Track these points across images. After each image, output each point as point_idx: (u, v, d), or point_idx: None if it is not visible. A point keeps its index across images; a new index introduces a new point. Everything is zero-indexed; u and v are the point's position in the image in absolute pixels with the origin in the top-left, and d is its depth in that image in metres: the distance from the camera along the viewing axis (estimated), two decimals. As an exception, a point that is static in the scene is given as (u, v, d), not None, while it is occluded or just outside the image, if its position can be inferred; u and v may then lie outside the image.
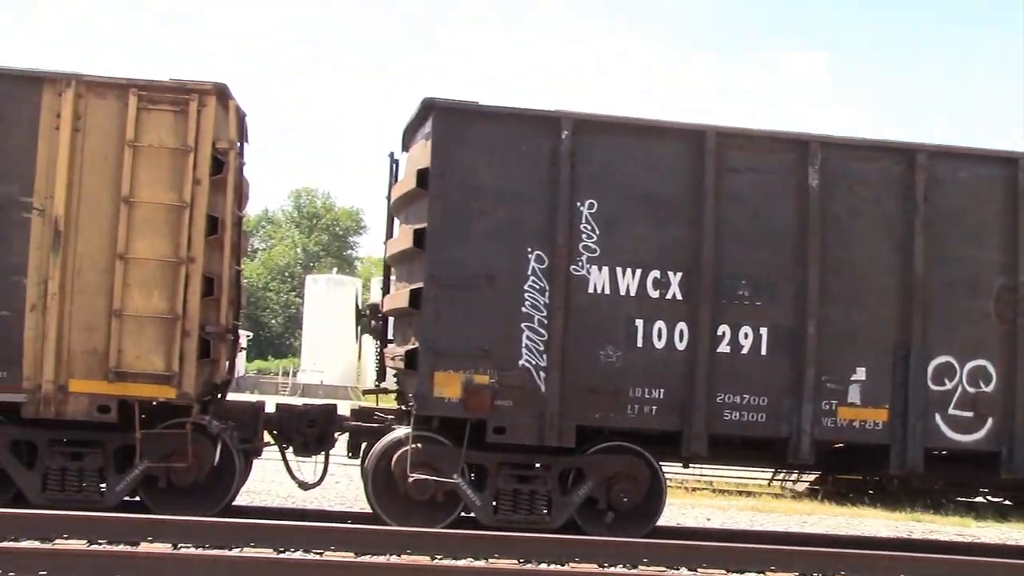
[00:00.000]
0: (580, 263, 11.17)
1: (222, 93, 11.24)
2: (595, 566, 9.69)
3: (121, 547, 9.25)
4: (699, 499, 18.55)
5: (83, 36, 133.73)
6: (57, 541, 9.31)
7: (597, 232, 11.19)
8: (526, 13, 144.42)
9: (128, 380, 10.85)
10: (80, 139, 10.90)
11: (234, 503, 11.98)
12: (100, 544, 9.32)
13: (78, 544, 9.25)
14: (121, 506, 11.07)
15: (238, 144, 11.72)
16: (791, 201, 11.43)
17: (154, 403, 11.14)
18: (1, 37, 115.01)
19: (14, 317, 10.75)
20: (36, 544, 9.18)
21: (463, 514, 11.45)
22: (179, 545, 9.42)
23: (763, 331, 11.32)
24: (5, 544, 9.08)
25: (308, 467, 12.36)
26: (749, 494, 19.08)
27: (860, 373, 11.40)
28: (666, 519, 12.95)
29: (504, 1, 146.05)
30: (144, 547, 9.28)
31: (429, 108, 11.33)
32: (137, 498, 11.37)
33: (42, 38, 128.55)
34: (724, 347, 11.28)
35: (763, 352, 11.32)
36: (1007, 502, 18.48)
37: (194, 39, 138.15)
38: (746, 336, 11.31)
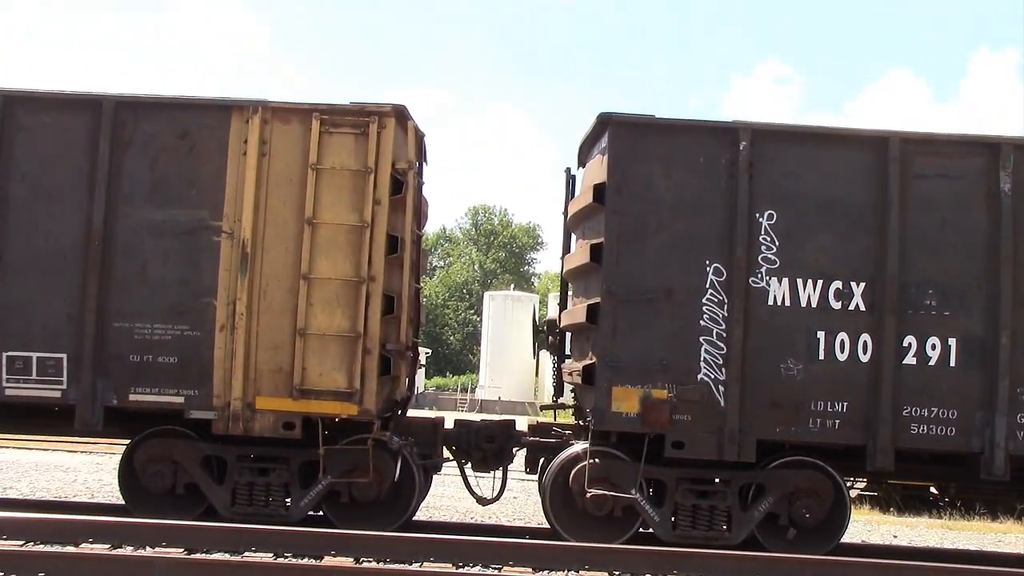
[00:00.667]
0: (759, 275, 10.98)
1: (401, 115, 11.43)
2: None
3: (306, 560, 9.45)
4: (884, 516, 17.98)
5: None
6: (246, 554, 9.58)
7: (776, 243, 10.99)
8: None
9: (311, 397, 11.10)
10: (266, 163, 11.21)
11: (414, 518, 12.13)
12: (286, 557, 9.55)
13: (265, 557, 9.49)
14: (305, 521, 11.32)
15: (417, 164, 11.90)
16: (981, 207, 11.00)
17: (337, 420, 11.38)
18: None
19: (205, 337, 11.12)
20: (226, 556, 9.46)
21: (641, 530, 11.36)
22: (361, 560, 9.58)
23: (952, 342, 10.92)
24: (198, 556, 9.39)
25: (486, 482, 12.43)
26: (939, 512, 18.40)
27: (1060, 385, 10.89)
28: (850, 536, 12.59)
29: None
30: (327, 561, 9.47)
31: (605, 123, 11.31)
32: (320, 513, 11.61)
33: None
34: (910, 359, 10.93)
35: (952, 363, 10.92)
36: None
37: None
38: (934, 347, 10.93)
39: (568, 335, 12.94)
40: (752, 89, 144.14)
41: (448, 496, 15.81)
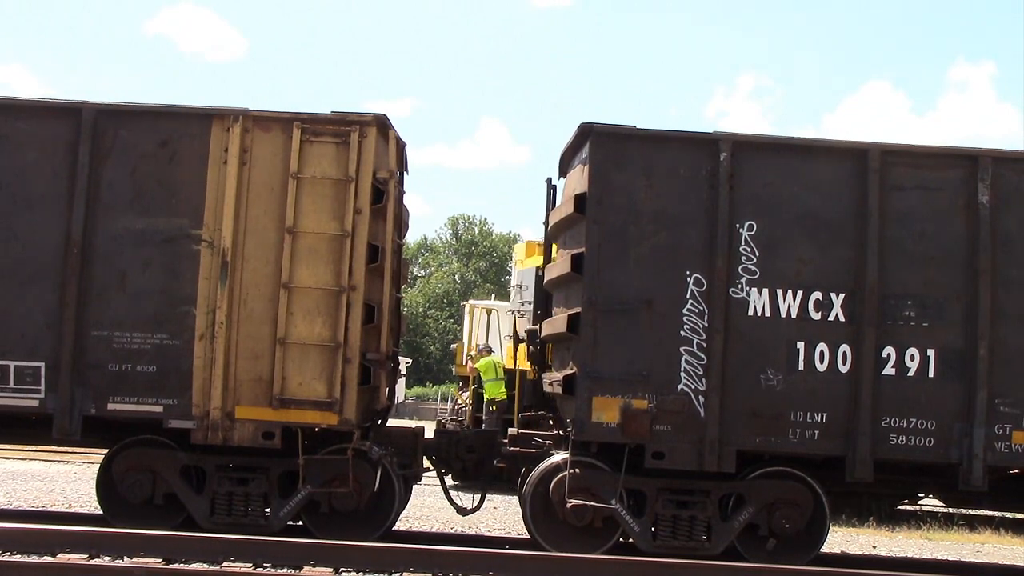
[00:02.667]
0: (739, 285, 11.01)
1: (382, 124, 11.43)
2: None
3: (285, 570, 9.44)
4: (864, 527, 18.04)
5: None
6: (225, 564, 9.54)
7: (757, 254, 11.02)
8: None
9: (291, 407, 11.06)
10: (247, 172, 11.19)
11: (394, 528, 12.10)
12: (265, 567, 9.53)
13: (244, 567, 9.46)
14: (285, 530, 11.29)
15: (398, 173, 11.90)
16: (960, 219, 11.06)
17: (317, 429, 11.35)
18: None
19: (184, 346, 11.07)
20: (205, 566, 9.43)
21: (621, 540, 11.36)
22: (340, 569, 9.56)
23: (931, 353, 10.96)
24: (176, 566, 9.36)
25: (467, 493, 12.41)
26: (918, 524, 18.46)
27: (1038, 396, 10.94)
28: (829, 546, 12.62)
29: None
30: (307, 571, 9.46)
31: (586, 133, 11.33)
32: (300, 523, 11.57)
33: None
34: (889, 370, 10.97)
35: (931, 375, 10.96)
36: None
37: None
38: (913, 358, 10.97)
39: (549, 345, 12.94)
40: (733, 100, 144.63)
41: (428, 506, 15.78)
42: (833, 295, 11.02)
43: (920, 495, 15.74)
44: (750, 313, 11.01)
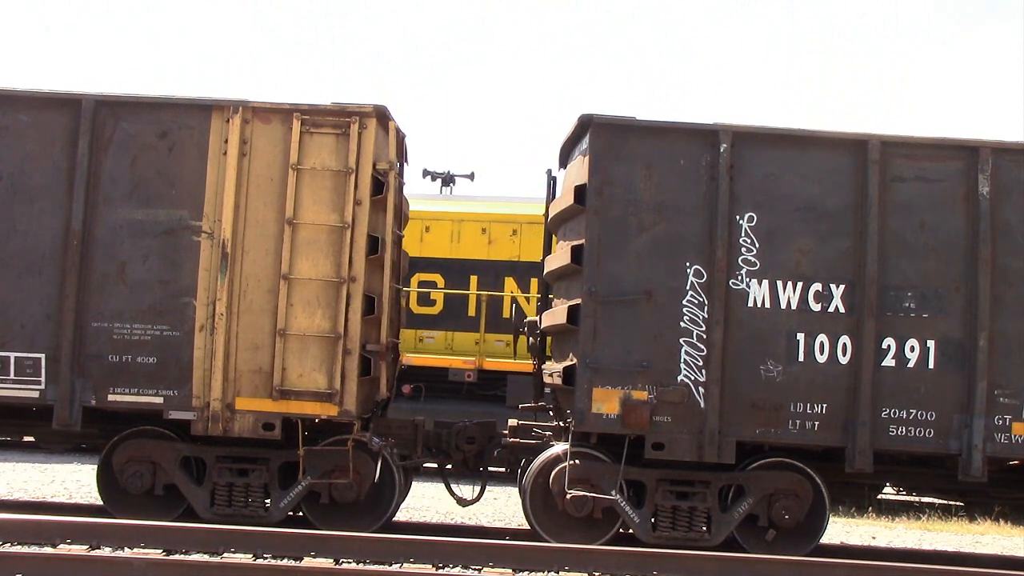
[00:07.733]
0: (739, 277, 11.01)
1: (382, 115, 11.43)
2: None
3: (285, 561, 9.45)
4: (863, 517, 18.03)
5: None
6: (225, 555, 9.56)
7: (757, 245, 11.01)
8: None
9: (291, 398, 11.08)
10: (246, 163, 11.19)
11: (394, 519, 12.11)
12: (265, 558, 9.54)
13: (244, 558, 9.47)
14: (285, 521, 11.30)
15: (398, 164, 11.90)
16: (960, 210, 11.05)
17: (316, 420, 11.37)
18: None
19: (184, 337, 11.09)
20: (205, 557, 9.45)
21: (621, 531, 11.38)
22: (341, 560, 9.57)
23: (931, 344, 10.96)
24: (177, 557, 9.38)
25: (466, 483, 12.41)
26: (918, 514, 18.44)
27: (1038, 387, 10.95)
28: (829, 537, 12.63)
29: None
30: (307, 562, 9.46)
31: (586, 124, 11.32)
32: (300, 514, 11.59)
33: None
34: (889, 361, 10.97)
35: (931, 366, 10.96)
36: None
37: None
38: (912, 349, 10.98)
39: (549, 337, 12.94)
40: (734, 90, 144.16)
41: (428, 496, 15.79)
42: (833, 286, 11.02)
43: None
44: (750, 304, 11.01)
